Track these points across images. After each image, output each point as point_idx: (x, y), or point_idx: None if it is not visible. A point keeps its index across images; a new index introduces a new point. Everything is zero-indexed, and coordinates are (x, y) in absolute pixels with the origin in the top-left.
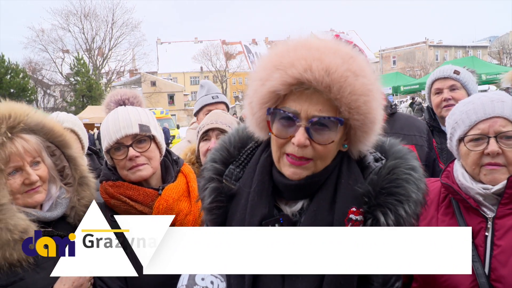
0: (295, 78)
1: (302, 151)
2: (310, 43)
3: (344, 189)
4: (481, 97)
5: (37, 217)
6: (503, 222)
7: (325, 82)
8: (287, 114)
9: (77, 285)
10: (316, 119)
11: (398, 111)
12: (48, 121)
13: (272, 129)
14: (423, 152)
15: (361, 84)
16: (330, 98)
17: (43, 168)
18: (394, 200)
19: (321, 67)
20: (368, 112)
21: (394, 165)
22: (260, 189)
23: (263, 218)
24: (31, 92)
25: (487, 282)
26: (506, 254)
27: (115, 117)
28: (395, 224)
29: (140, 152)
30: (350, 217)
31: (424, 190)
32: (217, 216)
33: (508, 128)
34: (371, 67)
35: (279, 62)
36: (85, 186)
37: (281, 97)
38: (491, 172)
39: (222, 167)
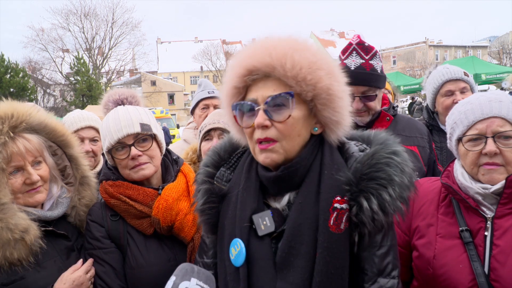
0: (244, 68)
1: (265, 132)
2: (261, 40)
3: (328, 179)
4: (480, 97)
5: (38, 216)
6: (502, 222)
7: (267, 62)
8: (247, 103)
9: (78, 283)
10: (270, 99)
11: (398, 113)
12: (50, 120)
13: (239, 122)
14: (426, 153)
15: (302, 57)
16: (279, 78)
17: (44, 168)
18: (375, 185)
19: (262, 51)
20: (317, 82)
21: (374, 151)
22: (248, 185)
23: (253, 213)
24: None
25: (487, 281)
26: (504, 254)
27: (116, 116)
28: (380, 208)
29: (142, 151)
30: (334, 206)
31: (410, 173)
32: (210, 216)
33: (506, 128)
34: (319, 49)
35: (233, 62)
36: (86, 185)
37: (242, 91)
38: (489, 172)
39: (214, 170)
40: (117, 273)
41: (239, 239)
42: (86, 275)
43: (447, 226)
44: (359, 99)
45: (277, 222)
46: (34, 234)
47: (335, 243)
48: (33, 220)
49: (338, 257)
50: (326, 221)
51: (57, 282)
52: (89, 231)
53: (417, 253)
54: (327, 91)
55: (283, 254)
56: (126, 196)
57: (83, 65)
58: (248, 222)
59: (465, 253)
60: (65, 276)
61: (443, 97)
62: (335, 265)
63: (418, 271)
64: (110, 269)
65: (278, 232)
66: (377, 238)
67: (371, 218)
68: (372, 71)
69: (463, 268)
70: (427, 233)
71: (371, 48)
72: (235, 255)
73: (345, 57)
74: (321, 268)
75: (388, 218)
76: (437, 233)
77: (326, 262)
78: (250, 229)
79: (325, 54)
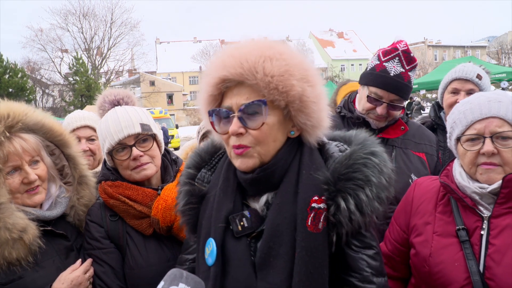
0: (216, 77)
1: (239, 140)
2: (234, 45)
3: (306, 179)
4: (479, 97)
5: (37, 216)
6: (498, 221)
7: (239, 72)
8: (222, 110)
9: (76, 283)
10: (243, 106)
11: (410, 120)
12: (47, 120)
13: (216, 129)
14: (433, 161)
15: (274, 66)
16: (252, 85)
17: (42, 167)
18: (352, 185)
19: (234, 61)
20: (289, 90)
21: (352, 151)
22: (225, 186)
23: (228, 213)
24: (29, 92)
25: (481, 280)
26: (500, 253)
27: (115, 117)
28: (357, 209)
29: (143, 152)
30: (312, 206)
31: (388, 174)
32: (191, 217)
33: (504, 128)
34: (294, 53)
35: (207, 69)
36: (84, 185)
37: (218, 98)
38: (487, 171)
39: (195, 172)
40: (116, 273)
41: (212, 239)
42: (84, 275)
43: (444, 224)
44: (386, 106)
45: (255, 222)
46: (32, 233)
47: (313, 243)
48: (31, 219)
49: (317, 256)
50: (304, 221)
51: (56, 281)
52: (88, 231)
53: (414, 251)
54: (300, 98)
55: (262, 255)
56: (125, 196)
57: (82, 65)
58: (223, 223)
59: (461, 251)
60: (63, 275)
61: (448, 94)
62: (314, 264)
63: (415, 269)
64: (109, 269)
65: (257, 232)
66: (367, 239)
67: (348, 218)
68: (408, 83)
69: (459, 266)
70: (424, 231)
71: (414, 60)
72: (208, 254)
73: (386, 59)
74: (300, 268)
75: (365, 218)
76: (434, 231)
77: (305, 262)
78: (227, 229)
79: (299, 59)
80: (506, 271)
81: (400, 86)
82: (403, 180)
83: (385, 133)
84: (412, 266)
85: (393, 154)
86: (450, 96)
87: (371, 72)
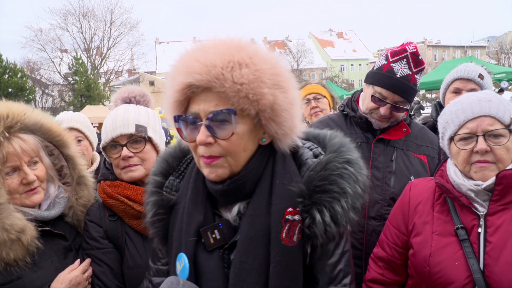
0: (181, 83)
1: (208, 150)
2: (196, 46)
3: (279, 190)
4: (470, 96)
5: (35, 216)
6: (494, 219)
7: (207, 79)
8: (189, 117)
9: (75, 283)
10: (212, 115)
11: (413, 121)
12: (46, 120)
13: (182, 135)
14: (434, 163)
15: (244, 73)
16: (220, 92)
17: (41, 168)
18: (328, 198)
19: (201, 67)
20: (260, 99)
21: (327, 160)
22: (195, 196)
23: (199, 226)
24: (29, 92)
25: (483, 277)
26: (497, 250)
27: (115, 115)
28: (332, 220)
29: (134, 153)
30: (287, 218)
31: (363, 181)
32: (160, 229)
33: (495, 126)
34: (265, 55)
35: (171, 73)
36: (83, 185)
37: (184, 103)
38: (481, 169)
39: (162, 179)
40: (115, 273)
41: (184, 254)
42: (83, 275)
43: (443, 224)
44: (389, 107)
45: (227, 234)
46: (30, 234)
47: (289, 256)
48: (30, 220)
49: (292, 269)
50: (279, 234)
51: (54, 282)
52: (87, 231)
53: (412, 251)
54: (272, 107)
55: (236, 270)
56: (124, 196)
57: (81, 65)
58: (194, 236)
59: (461, 250)
60: (62, 276)
61: (450, 93)
62: (289, 277)
63: (414, 269)
64: (107, 269)
65: (230, 244)
66: (329, 247)
67: (323, 230)
68: (413, 86)
69: (460, 265)
70: (423, 231)
71: (422, 63)
72: (180, 270)
73: (393, 60)
74: (275, 282)
75: (340, 228)
76: (433, 231)
77: (280, 276)
78: (199, 242)
79: (271, 63)
80: (504, 268)
81: (406, 88)
82: (402, 181)
83: (386, 134)
84: (410, 266)
85: (394, 156)
86: (452, 95)
87: (377, 71)
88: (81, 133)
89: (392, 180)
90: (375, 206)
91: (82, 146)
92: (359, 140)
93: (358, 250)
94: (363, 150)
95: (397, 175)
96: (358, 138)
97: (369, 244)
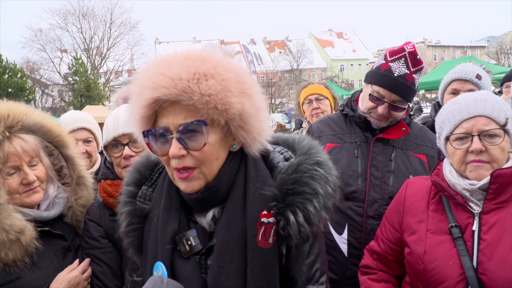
0: (149, 98)
1: (182, 162)
2: (160, 59)
3: (253, 194)
4: (466, 97)
5: (34, 217)
6: (488, 217)
7: (174, 93)
8: (158, 131)
9: (74, 284)
10: (182, 127)
11: (413, 121)
12: (46, 121)
13: (153, 150)
14: (434, 163)
15: (210, 85)
16: (188, 104)
17: (41, 168)
18: (301, 199)
19: (167, 81)
20: (228, 108)
21: (298, 163)
22: (168, 204)
23: (174, 234)
24: (29, 92)
25: (475, 275)
26: (491, 248)
27: (117, 114)
28: (305, 220)
29: (135, 152)
30: (262, 220)
31: (334, 182)
32: (135, 238)
33: (491, 126)
34: (228, 63)
35: (136, 87)
36: (82, 186)
37: (152, 117)
38: (476, 168)
39: (135, 189)
40: (115, 273)
41: (161, 263)
42: (82, 275)
43: (437, 222)
44: (387, 106)
45: (203, 240)
46: (29, 235)
47: (265, 258)
48: (29, 220)
49: (269, 271)
50: (255, 237)
51: (53, 282)
52: (87, 231)
53: (408, 250)
54: (240, 115)
55: (214, 275)
56: None
57: (81, 65)
58: (170, 244)
59: (455, 248)
60: (61, 276)
61: (448, 94)
62: (267, 279)
63: (410, 267)
64: (107, 269)
65: (206, 249)
66: (305, 248)
67: (297, 231)
68: (411, 85)
69: (453, 262)
70: (418, 230)
71: (420, 62)
72: None
73: (391, 59)
74: (253, 284)
75: (313, 228)
76: (428, 229)
77: (258, 278)
78: (175, 249)
79: (235, 71)
80: (497, 265)
81: (403, 87)
82: (401, 180)
83: (385, 133)
84: (406, 264)
85: (393, 155)
86: (450, 96)
87: (375, 71)
88: (91, 134)
89: (391, 180)
90: (373, 205)
91: (91, 146)
92: (359, 140)
93: (356, 249)
94: (362, 150)
95: (396, 175)
96: (357, 137)
97: (368, 243)
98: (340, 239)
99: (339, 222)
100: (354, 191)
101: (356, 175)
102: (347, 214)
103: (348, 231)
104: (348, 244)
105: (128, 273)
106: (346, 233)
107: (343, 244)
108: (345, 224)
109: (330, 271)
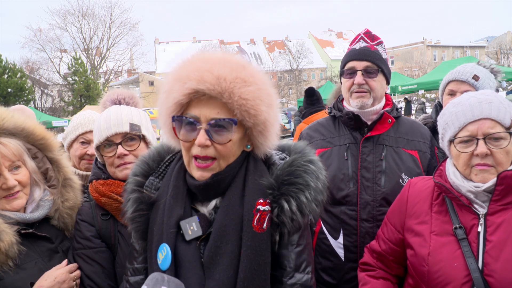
0: (191, 89)
1: (205, 151)
2: (204, 56)
3: (251, 184)
4: (470, 98)
5: (16, 220)
6: (494, 218)
7: (217, 90)
8: (189, 119)
9: (60, 280)
10: (214, 121)
11: (402, 116)
12: (28, 124)
13: (178, 135)
14: (426, 158)
15: (249, 91)
16: (224, 102)
17: (24, 172)
18: (294, 189)
19: (212, 77)
20: (258, 114)
21: (293, 159)
22: (176, 193)
23: (179, 219)
24: (28, 92)
25: (481, 276)
26: (497, 249)
27: (108, 115)
28: (298, 209)
29: (129, 151)
30: (258, 208)
31: (323, 180)
32: (140, 223)
33: (496, 129)
34: (262, 75)
35: (178, 75)
36: (69, 187)
37: (184, 105)
38: (481, 172)
39: (143, 179)
40: (107, 272)
41: (166, 244)
42: (69, 274)
43: (441, 223)
44: (361, 73)
45: (204, 226)
46: (7, 240)
47: (258, 242)
48: (11, 223)
49: (261, 254)
50: (250, 222)
51: (39, 279)
52: (79, 231)
53: (412, 251)
54: (264, 122)
55: (210, 254)
56: (118, 194)
57: (81, 65)
58: (175, 228)
59: (459, 249)
60: (47, 273)
61: (446, 95)
62: (258, 262)
63: (413, 269)
64: (100, 269)
65: (206, 235)
66: (295, 237)
67: (290, 218)
68: (376, 52)
69: (458, 264)
70: (421, 231)
71: (377, 37)
72: (162, 259)
73: (352, 45)
74: (245, 265)
75: (304, 218)
76: (432, 230)
77: (250, 259)
78: (178, 234)
79: (267, 84)
80: (504, 267)
81: (368, 53)
82: (393, 180)
83: (373, 130)
84: (409, 266)
85: (383, 154)
86: (448, 97)
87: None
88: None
89: (382, 180)
90: (366, 208)
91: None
92: (348, 141)
93: (352, 253)
94: (352, 151)
95: (387, 174)
96: (346, 139)
97: (363, 246)
98: (336, 244)
99: (334, 227)
100: (347, 195)
101: (347, 178)
102: (341, 218)
103: (343, 236)
104: (344, 249)
105: (129, 262)
106: (341, 237)
107: (339, 249)
108: (340, 228)
109: (328, 276)
